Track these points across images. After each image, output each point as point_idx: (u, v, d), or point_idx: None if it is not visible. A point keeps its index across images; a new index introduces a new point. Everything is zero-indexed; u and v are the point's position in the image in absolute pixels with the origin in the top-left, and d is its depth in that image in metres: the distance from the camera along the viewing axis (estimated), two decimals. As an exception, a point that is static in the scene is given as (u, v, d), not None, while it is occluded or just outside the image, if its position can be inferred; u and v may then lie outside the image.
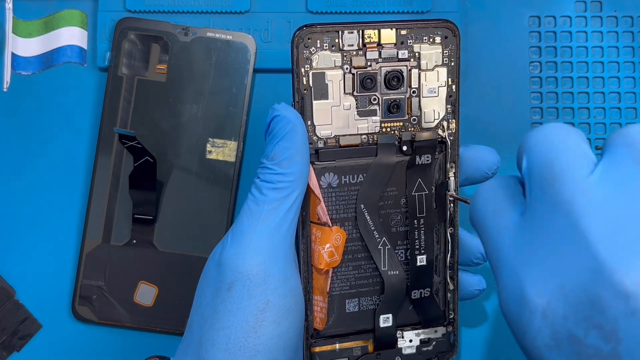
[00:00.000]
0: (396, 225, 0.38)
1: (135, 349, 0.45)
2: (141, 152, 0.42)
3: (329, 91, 0.36)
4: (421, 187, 0.38)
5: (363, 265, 0.38)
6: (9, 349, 0.45)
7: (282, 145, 0.34)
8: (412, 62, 0.37)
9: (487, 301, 0.46)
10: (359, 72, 0.36)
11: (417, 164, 0.37)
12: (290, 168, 0.34)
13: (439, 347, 0.39)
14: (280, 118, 0.34)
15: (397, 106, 0.37)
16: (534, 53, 0.48)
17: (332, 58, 0.36)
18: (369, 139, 0.37)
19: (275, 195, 0.34)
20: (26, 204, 0.46)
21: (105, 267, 0.45)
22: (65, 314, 0.46)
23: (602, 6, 0.48)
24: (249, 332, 0.33)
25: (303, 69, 0.36)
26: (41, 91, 0.47)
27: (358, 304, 0.38)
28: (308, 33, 0.36)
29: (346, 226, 0.37)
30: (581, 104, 0.47)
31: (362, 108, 0.37)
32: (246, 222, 0.34)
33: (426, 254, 0.38)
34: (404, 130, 0.37)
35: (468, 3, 0.48)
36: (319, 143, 0.36)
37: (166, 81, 0.46)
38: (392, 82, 0.37)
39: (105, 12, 0.47)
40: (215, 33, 0.46)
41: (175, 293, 0.45)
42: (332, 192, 0.37)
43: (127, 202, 0.45)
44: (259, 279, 0.33)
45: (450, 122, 0.38)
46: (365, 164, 0.37)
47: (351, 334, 0.38)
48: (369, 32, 0.36)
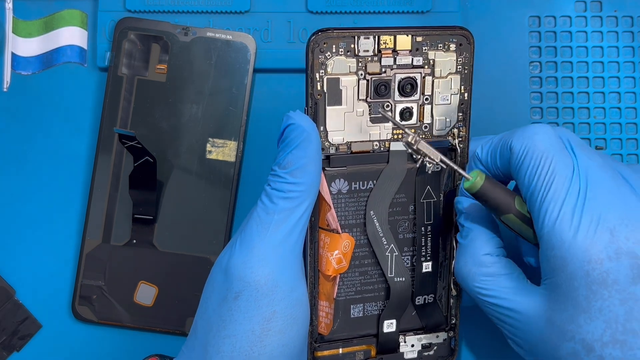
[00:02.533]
0: (404, 231, 0.38)
1: (135, 349, 0.45)
2: (141, 152, 0.42)
3: (342, 97, 0.36)
4: (430, 194, 0.38)
5: (369, 271, 0.38)
6: (9, 349, 0.45)
7: (296, 154, 0.34)
8: (426, 69, 0.37)
9: None
10: (374, 79, 0.36)
11: (427, 171, 0.37)
12: (302, 178, 0.34)
13: (439, 352, 0.39)
14: (295, 126, 0.34)
15: (409, 113, 0.37)
16: (534, 53, 0.48)
17: (347, 64, 0.36)
18: (380, 146, 0.37)
19: (286, 204, 0.33)
20: (26, 204, 0.46)
21: (105, 267, 0.45)
22: (65, 314, 0.46)
23: (602, 6, 0.48)
24: (255, 341, 0.33)
25: (318, 74, 0.35)
26: (41, 91, 0.47)
27: (363, 309, 0.38)
28: (324, 38, 0.35)
29: (354, 232, 0.37)
30: (581, 104, 0.47)
31: (375, 115, 0.36)
32: (255, 230, 0.33)
33: (432, 260, 0.38)
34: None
35: (468, 3, 0.48)
36: (331, 149, 0.36)
37: (166, 81, 0.46)
38: (406, 89, 0.36)
39: (105, 12, 0.47)
40: (215, 33, 0.46)
41: (175, 293, 0.45)
42: (342, 198, 0.37)
43: (127, 202, 0.45)
44: (266, 289, 0.33)
45: (461, 129, 0.38)
46: (376, 170, 0.37)
47: (354, 339, 0.38)
48: (384, 38, 0.36)
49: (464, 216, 0.37)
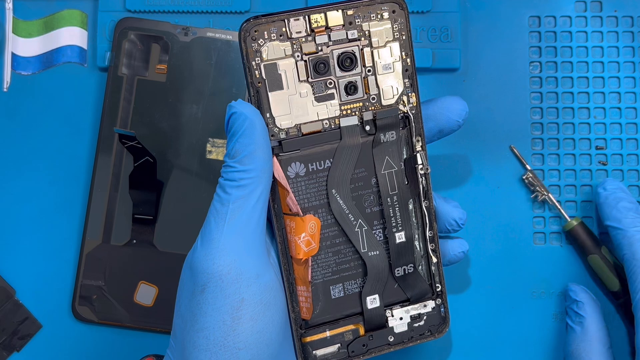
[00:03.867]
0: (370, 205, 0.38)
1: (135, 348, 0.45)
2: (141, 152, 0.42)
3: (283, 81, 0.36)
4: (390, 164, 0.38)
5: (342, 249, 0.38)
6: (9, 349, 0.45)
7: (242, 142, 0.34)
8: (363, 41, 0.37)
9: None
10: (311, 58, 0.36)
11: (383, 142, 0.37)
12: (251, 164, 0.34)
13: (430, 321, 0.39)
14: (237, 115, 0.34)
15: (353, 87, 0.37)
16: (534, 53, 0.48)
17: (281, 47, 0.36)
18: (330, 124, 0.37)
19: (239, 192, 0.34)
20: (26, 204, 0.46)
21: (105, 267, 0.45)
22: (65, 314, 0.46)
23: (602, 6, 0.48)
24: (228, 331, 0.33)
25: (254, 62, 0.35)
26: (41, 91, 0.47)
27: (343, 288, 0.38)
28: (254, 25, 0.35)
29: (320, 213, 0.37)
30: (581, 104, 0.47)
31: (319, 93, 0.36)
32: (213, 222, 0.34)
33: (404, 230, 0.38)
34: (365, 110, 0.37)
35: (468, 3, 0.48)
36: (281, 134, 0.36)
37: (166, 81, 0.46)
38: (346, 64, 0.36)
39: (105, 12, 0.47)
40: (215, 33, 0.46)
41: (175, 293, 0.45)
42: (301, 181, 0.37)
43: (127, 202, 0.45)
44: (230, 278, 0.33)
45: (410, 95, 0.37)
46: (331, 148, 0.37)
47: (340, 320, 0.38)
48: (315, 17, 0.36)
49: (578, 305, 0.44)
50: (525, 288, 0.46)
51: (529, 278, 0.46)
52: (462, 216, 0.39)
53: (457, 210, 0.39)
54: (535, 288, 0.46)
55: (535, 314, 0.46)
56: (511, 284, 0.46)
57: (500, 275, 0.46)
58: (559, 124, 0.47)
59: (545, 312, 0.46)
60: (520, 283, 0.46)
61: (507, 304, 0.46)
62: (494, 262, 0.46)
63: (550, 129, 0.47)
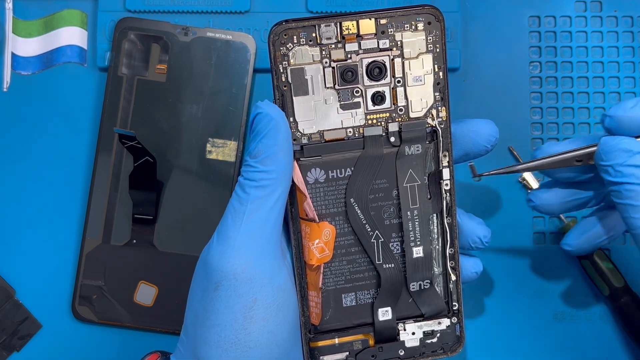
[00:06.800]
0: (389, 217, 0.38)
1: (135, 348, 0.45)
2: (141, 152, 0.42)
3: (309, 86, 0.36)
4: (413, 177, 0.37)
5: (357, 259, 0.38)
6: (9, 349, 0.45)
7: (265, 142, 0.34)
8: (395, 51, 0.36)
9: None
10: (339, 65, 0.36)
11: (407, 154, 0.37)
12: (272, 165, 0.34)
13: (444, 339, 0.39)
14: (262, 115, 0.34)
15: (381, 97, 0.36)
16: (534, 53, 0.48)
17: (310, 53, 0.35)
18: (354, 132, 0.37)
19: (258, 193, 0.34)
20: (26, 204, 0.46)
21: (105, 267, 0.45)
22: (65, 314, 0.46)
23: (602, 6, 0.48)
24: (239, 329, 0.33)
25: (281, 65, 0.35)
26: (41, 91, 0.47)
27: (355, 297, 0.38)
28: (284, 29, 0.35)
29: (337, 221, 0.37)
30: (581, 104, 0.47)
31: (344, 101, 0.36)
32: (230, 221, 0.34)
33: (422, 245, 0.38)
34: (391, 121, 0.37)
35: (468, 3, 0.48)
36: (303, 139, 0.36)
37: (166, 81, 0.46)
38: (374, 73, 0.36)
39: (105, 12, 0.47)
40: (215, 33, 0.46)
41: (175, 293, 0.45)
42: (320, 187, 0.37)
43: (127, 202, 0.45)
44: (244, 278, 0.33)
45: (440, 109, 0.37)
46: (353, 157, 0.37)
47: (350, 328, 0.38)
48: (346, 24, 0.35)
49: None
50: (525, 288, 0.46)
51: (529, 278, 0.46)
52: (486, 234, 0.39)
53: (482, 227, 0.39)
54: (535, 288, 0.46)
55: (536, 314, 0.46)
56: (511, 284, 0.46)
57: (500, 275, 0.46)
58: (559, 124, 0.47)
59: (545, 312, 0.46)
60: (520, 283, 0.46)
61: (507, 304, 0.46)
62: (493, 263, 0.46)
63: (550, 129, 0.47)
